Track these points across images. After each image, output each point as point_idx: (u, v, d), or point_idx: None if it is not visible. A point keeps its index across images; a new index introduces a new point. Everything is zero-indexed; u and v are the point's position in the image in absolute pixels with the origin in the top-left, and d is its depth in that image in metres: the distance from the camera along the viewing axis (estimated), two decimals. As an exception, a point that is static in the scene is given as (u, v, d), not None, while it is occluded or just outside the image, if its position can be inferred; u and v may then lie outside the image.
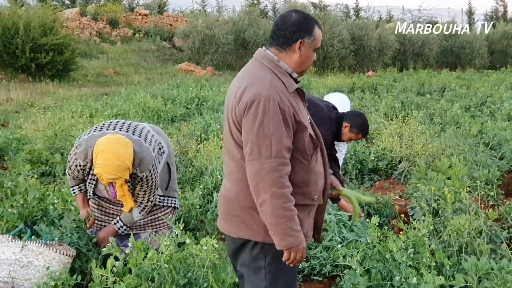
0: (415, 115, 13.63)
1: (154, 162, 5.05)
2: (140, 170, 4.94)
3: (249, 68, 3.62)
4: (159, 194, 5.48)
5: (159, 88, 21.94)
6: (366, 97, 19.87)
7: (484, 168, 8.97)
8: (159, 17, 43.23)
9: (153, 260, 4.34)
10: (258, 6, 46.56)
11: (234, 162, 3.55)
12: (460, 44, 43.60)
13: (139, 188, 5.12)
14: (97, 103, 17.66)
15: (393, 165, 10.21)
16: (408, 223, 5.68)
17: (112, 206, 5.49)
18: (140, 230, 5.57)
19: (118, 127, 5.14)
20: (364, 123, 6.16)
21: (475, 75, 32.75)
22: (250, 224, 3.54)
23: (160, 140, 5.44)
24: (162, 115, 15.42)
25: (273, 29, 3.61)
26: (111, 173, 4.68)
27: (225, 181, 3.73)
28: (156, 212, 5.57)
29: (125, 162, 4.70)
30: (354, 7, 56.15)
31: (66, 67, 26.41)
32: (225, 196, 3.69)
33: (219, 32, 34.29)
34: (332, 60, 35.92)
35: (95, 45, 35.47)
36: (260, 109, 3.31)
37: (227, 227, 3.70)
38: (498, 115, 15.37)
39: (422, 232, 5.14)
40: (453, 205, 6.00)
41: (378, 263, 5.05)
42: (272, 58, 3.57)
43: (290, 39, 3.54)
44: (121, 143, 4.76)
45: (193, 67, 32.15)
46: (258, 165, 3.31)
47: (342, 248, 5.27)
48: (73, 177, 5.26)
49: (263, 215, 3.38)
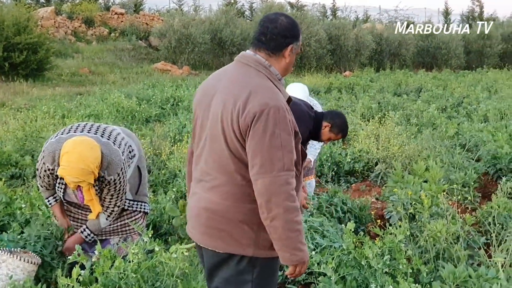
0: (392, 116, 13.57)
1: (122, 166, 4.90)
2: (107, 173, 4.79)
3: (241, 74, 3.42)
4: (129, 198, 5.32)
5: (134, 88, 21.81)
6: (343, 98, 19.89)
7: (461, 170, 8.92)
8: (135, 16, 43.04)
9: (120, 269, 4.18)
10: (235, 5, 46.39)
11: (225, 176, 3.36)
12: (437, 44, 43.82)
13: (106, 191, 4.96)
14: (71, 104, 17.45)
15: (370, 167, 10.15)
16: (384, 228, 5.56)
17: (80, 212, 5.32)
18: (110, 236, 5.41)
19: (86, 129, 4.99)
20: (345, 123, 6.07)
21: (451, 76, 32.98)
22: (240, 238, 3.38)
23: (131, 143, 5.29)
24: (136, 115, 15.25)
25: (262, 32, 3.46)
26: (75, 176, 4.53)
27: (204, 193, 3.49)
28: (126, 218, 5.40)
29: (90, 165, 4.54)
30: (331, 7, 56.22)
31: (40, 67, 26.26)
32: (208, 209, 3.45)
33: (195, 31, 34.21)
34: (309, 60, 36.04)
35: (70, 44, 35.25)
36: (271, 120, 3.17)
37: (210, 241, 3.47)
38: (474, 116, 15.44)
39: (399, 238, 5.03)
40: (430, 209, 5.89)
41: (353, 270, 4.93)
42: (264, 63, 3.43)
43: (282, 44, 3.44)
44: (87, 146, 4.61)
45: (169, 66, 32.05)
46: (271, 179, 3.16)
47: (316, 254, 5.15)
48: (46, 187, 5.10)
49: (273, 230, 3.24)
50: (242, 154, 3.27)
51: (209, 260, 3.56)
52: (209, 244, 3.48)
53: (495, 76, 31.95)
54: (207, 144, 3.43)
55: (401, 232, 5.08)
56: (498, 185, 7.68)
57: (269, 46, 3.44)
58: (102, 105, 16.10)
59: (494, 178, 9.46)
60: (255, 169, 3.19)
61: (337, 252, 5.04)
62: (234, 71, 3.47)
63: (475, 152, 10.66)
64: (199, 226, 3.52)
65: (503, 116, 15.42)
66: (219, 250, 3.44)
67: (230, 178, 3.34)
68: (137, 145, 5.40)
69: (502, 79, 29.88)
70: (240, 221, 3.37)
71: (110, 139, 4.95)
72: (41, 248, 5.01)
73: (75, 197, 5.12)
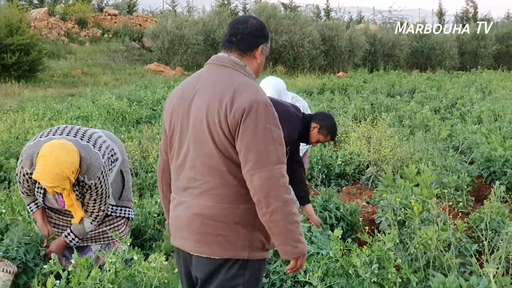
0: (384, 117, 13.45)
1: (103, 169, 4.76)
2: (87, 178, 4.66)
3: (220, 74, 3.41)
4: (112, 203, 5.19)
5: (126, 89, 21.69)
6: (336, 99, 19.76)
7: (453, 173, 8.77)
8: (128, 17, 42.88)
9: (96, 280, 4.01)
10: (229, 6, 46.27)
11: (217, 178, 3.32)
12: (431, 45, 43.87)
13: (89, 196, 4.82)
14: (62, 105, 17.32)
15: (361, 169, 10.02)
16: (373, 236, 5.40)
17: (61, 217, 5.19)
18: (91, 242, 5.27)
19: (65, 132, 4.86)
20: (334, 124, 5.94)
21: (445, 76, 33.02)
22: (235, 241, 3.35)
23: (113, 147, 5.15)
24: (127, 117, 15.10)
25: (233, 33, 3.51)
26: (49, 181, 4.39)
27: (195, 199, 3.41)
28: (108, 223, 5.26)
29: (65, 171, 4.39)
30: (324, 8, 56.02)
31: (33, 68, 26.17)
32: (201, 215, 3.37)
33: (188, 32, 34.17)
34: (303, 61, 36.10)
35: (63, 45, 35.07)
36: (261, 115, 3.19)
37: (205, 248, 3.38)
38: (468, 117, 15.36)
39: (388, 245, 4.87)
40: (420, 215, 5.74)
41: (340, 279, 4.77)
42: (240, 63, 3.45)
43: (253, 44, 3.50)
44: (63, 150, 4.45)
45: (162, 67, 31.98)
46: (267, 173, 3.15)
47: (303, 262, 4.98)
48: (26, 193, 4.97)
49: (273, 225, 3.22)
50: (231, 153, 3.26)
51: (204, 269, 3.45)
52: (204, 252, 3.39)
53: (489, 77, 32.02)
54: (191, 150, 3.38)
55: (390, 240, 4.92)
56: (491, 188, 7.54)
57: (241, 47, 3.48)
58: (92, 106, 15.95)
59: (487, 181, 9.35)
60: (250, 165, 3.17)
61: (324, 260, 4.89)
62: (211, 74, 3.45)
63: (468, 155, 10.53)
64: (192, 234, 3.43)
65: (497, 117, 15.37)
66: (215, 256, 3.37)
67: (222, 179, 3.31)
68: (120, 149, 5.27)
69: (496, 80, 29.95)
70: (236, 223, 3.33)
71: (90, 142, 4.81)
72: (24, 254, 4.88)
73: (56, 202, 4.98)
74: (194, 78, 3.53)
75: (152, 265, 4.13)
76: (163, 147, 3.68)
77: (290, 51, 35.93)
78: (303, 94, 20.85)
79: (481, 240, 5.69)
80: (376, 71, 37.71)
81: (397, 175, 8.28)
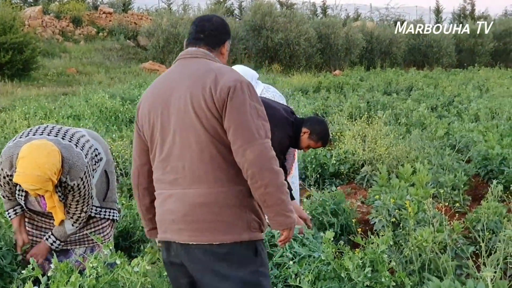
0: (380, 115, 13.32)
1: (86, 169, 4.57)
2: (70, 178, 4.47)
3: (196, 64, 3.49)
4: (96, 205, 5.00)
5: (120, 88, 21.56)
6: (331, 97, 19.69)
7: (450, 172, 8.62)
8: (123, 15, 42.69)
9: (75, 285, 3.83)
10: (224, 4, 46.16)
11: (208, 163, 3.34)
12: (428, 43, 43.95)
13: (71, 198, 4.64)
14: (55, 104, 17.20)
15: (356, 169, 9.87)
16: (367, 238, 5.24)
17: (45, 220, 5.01)
18: (75, 245, 5.09)
19: (46, 132, 4.65)
20: (325, 130, 5.72)
21: (442, 74, 33.05)
22: (234, 224, 3.37)
23: (97, 146, 4.97)
24: (120, 116, 14.96)
25: (200, 30, 3.62)
26: (31, 184, 4.21)
27: (187, 189, 3.41)
28: (93, 225, 5.09)
29: (46, 172, 4.20)
30: (321, 5, 55.76)
31: (26, 66, 26.11)
32: (197, 203, 3.37)
33: (184, 30, 33.90)
34: (299, 59, 36.01)
35: (58, 43, 34.91)
36: (246, 92, 3.30)
37: (205, 236, 3.37)
38: (465, 115, 15.27)
39: (381, 248, 4.71)
40: (416, 216, 5.58)
41: (332, 283, 4.61)
42: (210, 54, 3.56)
43: (220, 39, 3.64)
44: (44, 151, 4.27)
45: (157, 66, 31.85)
46: (259, 147, 3.24)
47: (294, 264, 4.85)
48: (8, 197, 4.77)
49: (268, 197, 3.28)
50: (221, 133, 3.31)
51: (206, 258, 3.41)
52: (204, 239, 3.38)
53: (486, 75, 32.04)
54: (177, 141, 3.40)
55: (384, 242, 4.77)
56: (488, 187, 7.42)
57: (209, 42, 3.59)
58: (84, 105, 15.80)
59: (485, 180, 9.24)
60: (241, 141, 3.24)
61: (316, 263, 4.73)
62: (185, 66, 3.53)
63: (465, 153, 10.38)
64: (189, 224, 3.41)
65: (494, 115, 15.28)
66: (217, 242, 3.36)
67: (213, 163, 3.34)
68: (104, 149, 5.09)
69: (493, 77, 29.98)
70: (233, 206, 3.37)
71: (72, 141, 4.61)
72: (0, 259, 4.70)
73: (38, 205, 4.80)
74: (167, 75, 3.60)
75: (135, 270, 3.96)
76: (136, 152, 3.70)
77: (286, 49, 35.84)
78: (299, 93, 20.76)
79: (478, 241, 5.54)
80: (373, 69, 37.66)
81: (392, 174, 8.14)
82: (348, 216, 6.72)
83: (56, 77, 27.19)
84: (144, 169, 3.67)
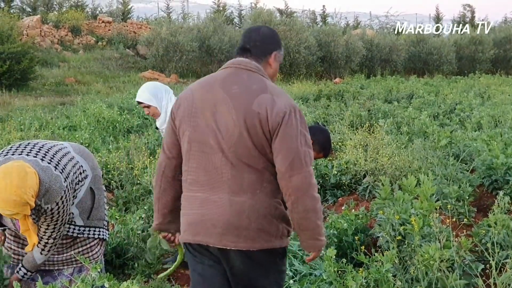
0: (382, 124, 13.11)
1: (63, 194, 4.31)
2: (44, 201, 4.22)
3: (249, 78, 3.57)
4: (79, 224, 4.78)
5: (119, 97, 21.30)
6: (332, 105, 19.51)
7: (454, 183, 8.39)
8: (122, 24, 42.64)
9: (61, 311, 3.61)
10: (224, 12, 46.08)
11: (255, 174, 3.51)
12: (428, 50, 43.79)
13: (43, 220, 4.40)
14: (52, 114, 16.97)
15: (357, 179, 9.61)
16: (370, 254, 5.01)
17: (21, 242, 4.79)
18: (63, 266, 4.89)
19: (25, 152, 4.37)
20: (327, 141, 5.52)
21: (443, 81, 32.89)
22: (272, 231, 3.56)
23: (83, 163, 4.72)
24: (117, 126, 14.77)
25: (247, 41, 3.71)
26: (7, 209, 3.97)
27: (235, 197, 3.52)
28: (79, 245, 4.89)
29: (23, 196, 3.95)
30: (321, 13, 55.89)
31: (24, 76, 25.87)
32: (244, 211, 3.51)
33: (183, 39, 33.94)
34: (299, 67, 35.84)
35: (57, 53, 34.83)
36: (298, 119, 3.46)
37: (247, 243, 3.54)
38: (468, 123, 15.01)
39: (386, 267, 4.49)
40: (421, 231, 5.35)
41: (335, 304, 4.39)
42: (262, 70, 3.65)
43: (267, 50, 3.70)
44: (19, 174, 4.00)
45: (157, 75, 31.75)
46: (306, 173, 3.42)
47: (295, 283, 4.64)
48: None
49: (307, 222, 3.51)
50: (267, 151, 3.47)
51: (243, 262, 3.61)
52: (245, 246, 3.53)
53: (487, 82, 31.83)
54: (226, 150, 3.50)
55: (388, 260, 4.55)
56: (493, 197, 7.20)
57: (255, 53, 3.67)
58: (81, 115, 15.58)
59: (489, 190, 8.98)
60: (288, 166, 3.40)
61: (317, 282, 4.52)
62: (238, 76, 3.59)
63: (469, 163, 10.15)
64: (229, 230, 3.54)
65: (497, 123, 15.07)
66: (255, 249, 3.53)
67: (260, 175, 3.51)
68: (91, 164, 4.85)
69: (494, 84, 29.77)
70: (271, 216, 3.54)
71: (52, 163, 4.35)
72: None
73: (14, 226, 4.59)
74: (215, 80, 3.62)
75: (125, 293, 3.73)
76: (167, 144, 3.75)
77: (286, 57, 35.66)
78: (299, 101, 20.62)
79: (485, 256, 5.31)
80: (373, 77, 37.49)
81: (395, 185, 7.92)
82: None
83: (55, 86, 27.01)
84: (171, 163, 3.75)
